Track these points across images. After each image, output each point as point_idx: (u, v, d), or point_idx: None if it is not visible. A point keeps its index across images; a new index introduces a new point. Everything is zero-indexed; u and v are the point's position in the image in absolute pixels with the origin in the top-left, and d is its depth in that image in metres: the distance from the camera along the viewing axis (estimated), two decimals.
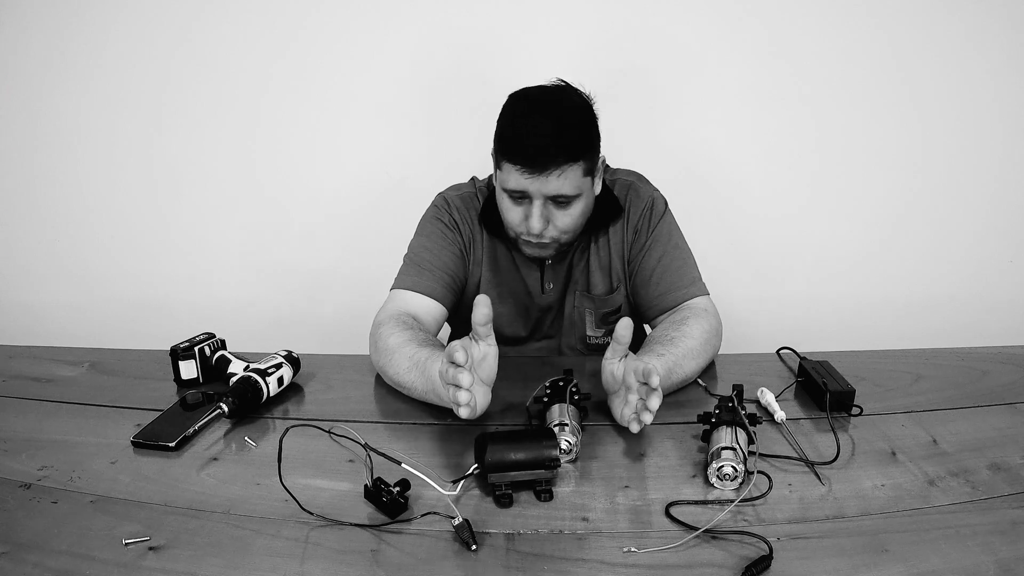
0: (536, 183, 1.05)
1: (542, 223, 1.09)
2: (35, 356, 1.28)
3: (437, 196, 1.28)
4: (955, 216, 1.81)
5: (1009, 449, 0.90)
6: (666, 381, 0.99)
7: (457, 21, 1.70)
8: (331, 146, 1.83)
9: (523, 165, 1.04)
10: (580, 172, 1.07)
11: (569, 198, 1.08)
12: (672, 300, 1.18)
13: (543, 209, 1.08)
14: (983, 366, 1.16)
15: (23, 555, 0.72)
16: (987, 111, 1.71)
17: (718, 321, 1.16)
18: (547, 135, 1.03)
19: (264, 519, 0.78)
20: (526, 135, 1.04)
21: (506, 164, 1.07)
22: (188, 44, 1.75)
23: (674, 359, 1.03)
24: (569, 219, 1.11)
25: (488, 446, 0.81)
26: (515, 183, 1.06)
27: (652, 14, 1.67)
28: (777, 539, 0.72)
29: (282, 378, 1.07)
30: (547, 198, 1.07)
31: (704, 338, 1.10)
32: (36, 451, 0.93)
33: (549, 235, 1.12)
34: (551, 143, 1.03)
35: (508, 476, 0.81)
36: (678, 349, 1.05)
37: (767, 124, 1.75)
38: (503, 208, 1.14)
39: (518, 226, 1.12)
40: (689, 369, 1.06)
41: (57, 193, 1.91)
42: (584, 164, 1.07)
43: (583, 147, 1.06)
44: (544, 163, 1.03)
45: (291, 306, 1.95)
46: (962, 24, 1.65)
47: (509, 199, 1.11)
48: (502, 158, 1.08)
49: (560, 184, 1.05)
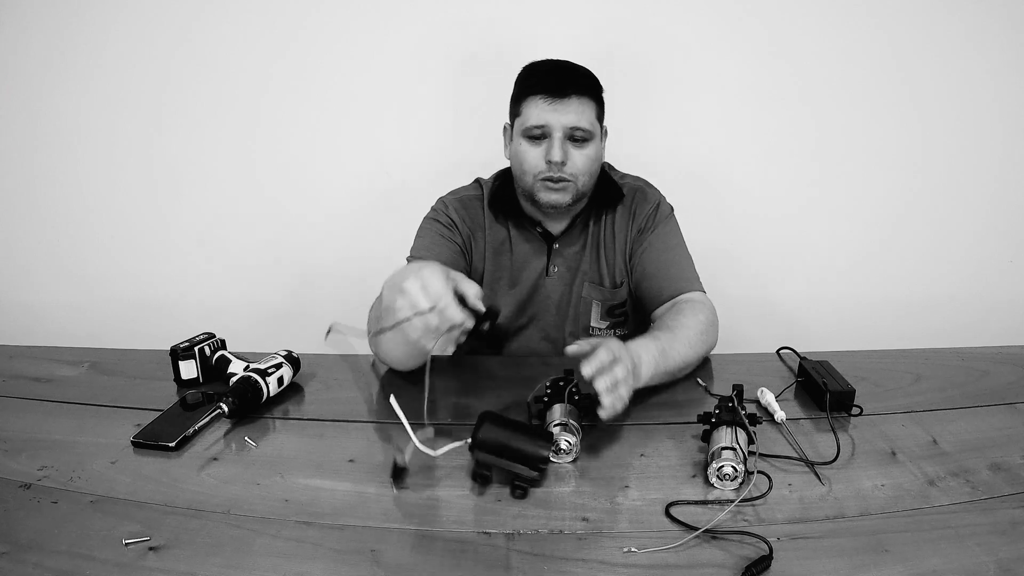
0: (557, 112, 1.12)
1: (562, 153, 1.14)
2: (35, 356, 1.28)
3: (436, 201, 1.31)
4: (955, 216, 1.81)
5: (1009, 449, 0.90)
6: (661, 363, 1.02)
7: (458, 21, 1.70)
8: (331, 146, 1.83)
9: (546, 92, 1.13)
10: (593, 112, 1.16)
11: (586, 133, 1.15)
12: (670, 293, 1.21)
13: (563, 143, 1.14)
14: (983, 366, 1.16)
15: (23, 555, 0.72)
16: (987, 111, 1.71)
17: (714, 315, 1.18)
18: (566, 67, 1.17)
19: (264, 519, 0.78)
20: (548, 68, 1.17)
21: (529, 99, 1.15)
22: (188, 44, 1.75)
23: (667, 341, 1.05)
24: (585, 159, 1.16)
25: (484, 424, 0.81)
26: (537, 117, 1.13)
27: (652, 14, 1.67)
28: (777, 539, 0.72)
29: (282, 378, 1.07)
30: (566, 131, 1.14)
31: (699, 328, 1.12)
32: (36, 451, 0.93)
33: (568, 171, 1.16)
34: (570, 73, 1.16)
35: (492, 459, 0.81)
36: (672, 335, 1.08)
37: (767, 124, 1.75)
38: (522, 154, 1.17)
39: (537, 167, 1.16)
40: (681, 354, 1.07)
41: (57, 193, 1.91)
42: (596, 107, 1.17)
43: (596, 87, 1.18)
44: (565, 89, 1.12)
45: (291, 306, 1.95)
46: (962, 24, 1.65)
47: (528, 141, 1.16)
48: (524, 96, 1.16)
49: (579, 116, 1.13)
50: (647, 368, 0.99)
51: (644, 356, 0.99)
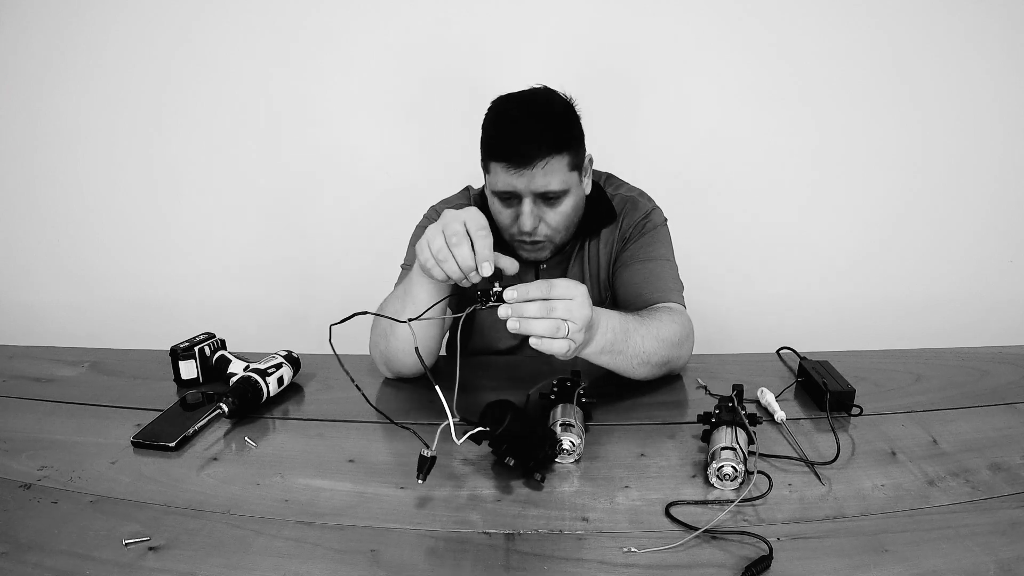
0: (523, 179, 1.05)
1: (534, 220, 1.09)
2: (35, 356, 1.28)
3: (428, 209, 1.29)
4: (955, 216, 1.81)
5: (1009, 449, 0.90)
6: (619, 340, 0.96)
7: (456, 25, 1.70)
8: (331, 146, 1.83)
9: (508, 161, 1.05)
10: (566, 166, 1.08)
11: (557, 194, 1.08)
12: (647, 300, 1.15)
13: (533, 207, 1.09)
14: (983, 366, 1.16)
15: (23, 555, 0.72)
16: (987, 111, 1.71)
17: (690, 330, 1.11)
18: (529, 129, 1.05)
19: (264, 519, 0.78)
20: (509, 131, 1.06)
21: (493, 164, 1.08)
22: (188, 44, 1.75)
23: (634, 324, 0.99)
24: (560, 217, 1.11)
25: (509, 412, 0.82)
26: (503, 183, 1.07)
27: (652, 14, 1.67)
28: (777, 539, 0.72)
29: (282, 378, 1.07)
30: (536, 196, 1.08)
31: (672, 328, 1.05)
32: (36, 451, 0.93)
33: (542, 233, 1.12)
34: (534, 136, 1.04)
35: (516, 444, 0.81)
36: (641, 321, 1.01)
37: (768, 124, 1.75)
38: (495, 212, 1.14)
39: (511, 228, 1.13)
40: (645, 345, 1.00)
41: (57, 193, 1.91)
42: (569, 157, 1.08)
43: (565, 139, 1.07)
44: (529, 156, 1.04)
45: (291, 306, 1.95)
46: (962, 24, 1.65)
47: (500, 202, 1.11)
48: (489, 159, 1.09)
49: (547, 179, 1.06)
50: (601, 336, 0.93)
51: (604, 321, 0.94)
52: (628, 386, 1.07)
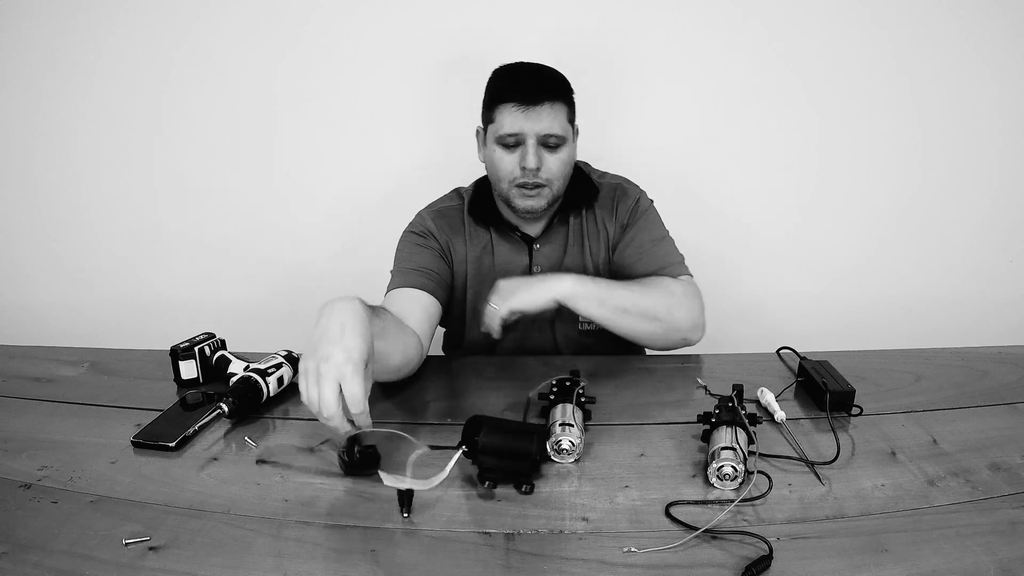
0: (530, 120, 1.13)
1: (537, 159, 1.15)
2: (35, 356, 1.28)
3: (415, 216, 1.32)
4: (955, 216, 1.81)
5: (1009, 449, 0.90)
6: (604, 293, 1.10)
7: (451, 27, 1.70)
8: (332, 146, 1.83)
9: (518, 101, 1.13)
10: (565, 115, 1.17)
11: (558, 140, 1.16)
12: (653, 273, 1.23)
13: (537, 149, 1.15)
14: (983, 366, 1.16)
15: (23, 555, 0.72)
16: (987, 111, 1.71)
17: (697, 296, 1.19)
18: (537, 72, 1.17)
19: (264, 519, 0.78)
20: (519, 76, 1.17)
21: (500, 108, 1.15)
22: (188, 44, 1.75)
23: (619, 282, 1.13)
24: (559, 163, 1.18)
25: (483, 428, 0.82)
26: (510, 125, 1.14)
27: (652, 15, 1.67)
28: (777, 539, 0.72)
29: (282, 378, 1.07)
30: (539, 138, 1.14)
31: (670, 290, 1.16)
32: (36, 451, 0.93)
33: (543, 176, 1.17)
34: (542, 80, 1.16)
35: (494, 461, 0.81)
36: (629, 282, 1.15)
37: (767, 124, 1.75)
38: (496, 161, 1.18)
39: (512, 172, 1.17)
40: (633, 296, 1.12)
41: (57, 193, 1.91)
42: (568, 110, 1.18)
43: (566, 91, 1.18)
44: (537, 96, 1.13)
45: (291, 306, 1.95)
46: (962, 24, 1.65)
47: (503, 148, 1.17)
48: (496, 104, 1.16)
49: (552, 121, 1.14)
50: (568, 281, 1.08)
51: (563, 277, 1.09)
52: (628, 386, 1.07)
